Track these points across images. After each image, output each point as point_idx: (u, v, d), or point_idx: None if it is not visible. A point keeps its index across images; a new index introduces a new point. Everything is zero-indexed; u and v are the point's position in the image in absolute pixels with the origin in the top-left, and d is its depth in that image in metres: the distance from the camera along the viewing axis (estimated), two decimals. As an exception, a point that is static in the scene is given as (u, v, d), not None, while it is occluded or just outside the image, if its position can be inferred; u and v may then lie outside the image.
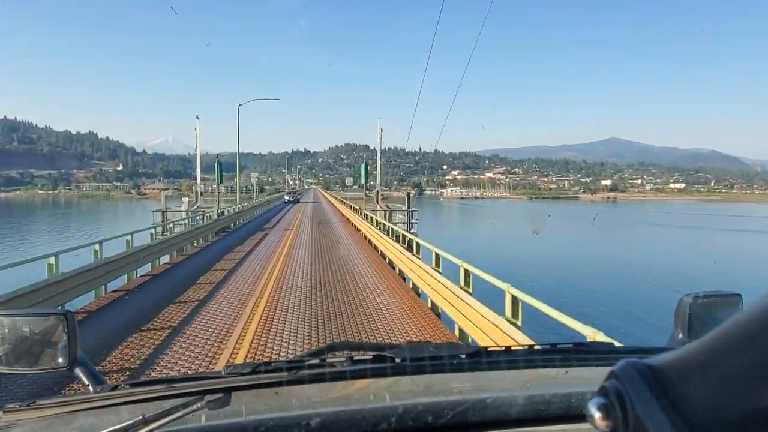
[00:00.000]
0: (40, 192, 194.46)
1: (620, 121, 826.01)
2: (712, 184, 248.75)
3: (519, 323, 5.54)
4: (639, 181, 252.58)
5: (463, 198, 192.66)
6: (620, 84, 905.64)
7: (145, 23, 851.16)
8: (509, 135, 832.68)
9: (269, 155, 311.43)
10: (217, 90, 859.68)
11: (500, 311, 5.71)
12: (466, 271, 7.60)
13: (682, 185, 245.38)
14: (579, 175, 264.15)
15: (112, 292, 9.84)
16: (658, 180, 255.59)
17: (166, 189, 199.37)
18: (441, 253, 9.44)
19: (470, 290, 7.37)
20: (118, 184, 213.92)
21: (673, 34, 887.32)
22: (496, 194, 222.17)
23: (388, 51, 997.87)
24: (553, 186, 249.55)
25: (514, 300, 5.62)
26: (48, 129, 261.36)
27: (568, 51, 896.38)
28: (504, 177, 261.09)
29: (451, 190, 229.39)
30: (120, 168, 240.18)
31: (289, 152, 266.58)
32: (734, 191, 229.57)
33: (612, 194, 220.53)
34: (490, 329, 5.60)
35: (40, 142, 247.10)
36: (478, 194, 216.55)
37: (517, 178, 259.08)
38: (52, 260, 8.23)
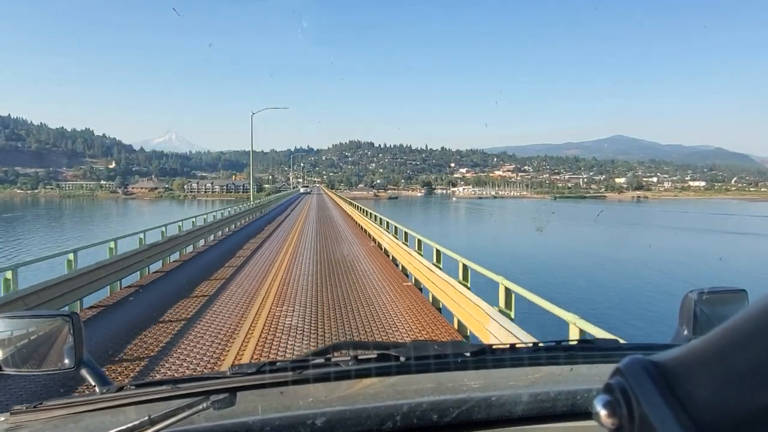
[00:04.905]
0: (19, 191, 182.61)
1: (625, 118, 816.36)
2: (733, 181, 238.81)
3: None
4: (654, 179, 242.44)
5: (481, 198, 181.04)
6: (624, 81, 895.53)
7: (151, 23, 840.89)
8: (515, 132, 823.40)
9: (272, 153, 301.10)
10: (220, 89, 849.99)
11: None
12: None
13: (701, 183, 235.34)
14: (591, 173, 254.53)
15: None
16: (673, 178, 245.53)
17: (156, 188, 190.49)
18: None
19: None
20: (104, 182, 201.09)
21: (678, 30, 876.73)
22: (514, 193, 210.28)
23: (390, 48, 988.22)
24: (569, 185, 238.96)
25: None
26: (42, 126, 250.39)
27: (572, 48, 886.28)
28: (515, 175, 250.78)
29: (463, 189, 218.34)
30: (112, 166, 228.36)
31: (293, 150, 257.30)
32: (763, 190, 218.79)
33: (640, 193, 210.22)
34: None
35: (29, 138, 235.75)
36: (494, 193, 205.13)
37: (528, 176, 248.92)
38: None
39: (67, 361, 1.15)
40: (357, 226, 24.68)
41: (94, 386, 1.14)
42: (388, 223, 17.35)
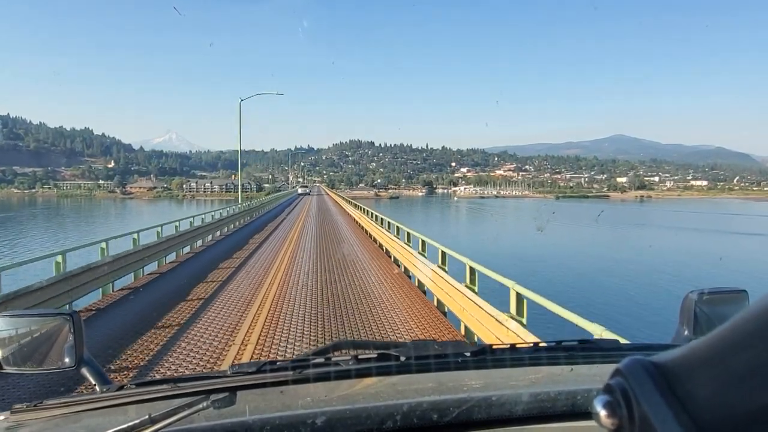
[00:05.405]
0: (16, 191, 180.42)
1: (625, 117, 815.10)
2: (735, 181, 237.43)
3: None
4: (656, 179, 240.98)
5: (482, 197, 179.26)
6: (624, 81, 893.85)
7: (151, 23, 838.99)
8: (515, 131, 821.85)
9: (272, 152, 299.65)
10: (220, 88, 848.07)
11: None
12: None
13: (703, 182, 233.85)
14: (593, 173, 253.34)
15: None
16: (675, 177, 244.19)
17: (154, 188, 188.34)
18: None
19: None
20: (102, 182, 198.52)
21: (678, 29, 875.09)
22: (516, 193, 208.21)
23: (391, 48, 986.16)
24: (571, 184, 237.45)
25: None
26: (41, 125, 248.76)
27: (572, 48, 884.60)
28: (516, 174, 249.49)
29: (465, 188, 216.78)
30: (111, 165, 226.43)
31: (293, 149, 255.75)
32: (766, 189, 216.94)
33: (643, 193, 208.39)
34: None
35: (28, 138, 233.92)
36: (496, 192, 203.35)
37: (529, 176, 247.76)
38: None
39: (67, 360, 1.15)
40: (370, 239, 19.51)
41: (95, 385, 1.14)
42: (424, 242, 11.64)
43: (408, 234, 13.83)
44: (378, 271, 12.45)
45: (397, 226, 15.42)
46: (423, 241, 11.87)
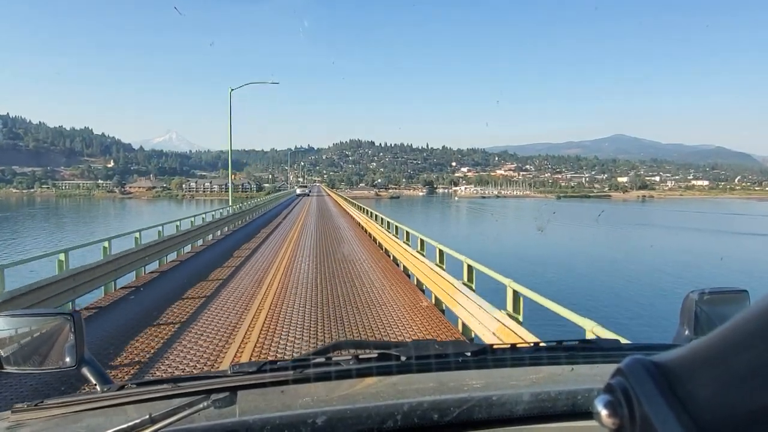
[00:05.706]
0: (15, 191, 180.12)
1: (625, 117, 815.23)
2: (736, 180, 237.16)
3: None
4: (657, 179, 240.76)
5: (483, 197, 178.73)
6: (624, 81, 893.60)
7: (151, 23, 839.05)
8: (515, 131, 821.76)
9: (272, 152, 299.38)
10: (220, 88, 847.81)
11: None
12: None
13: (704, 182, 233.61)
14: (593, 172, 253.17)
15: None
16: (676, 177, 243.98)
17: (154, 187, 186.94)
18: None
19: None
20: (102, 182, 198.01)
21: (678, 29, 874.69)
22: (517, 192, 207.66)
23: (391, 48, 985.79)
24: (572, 184, 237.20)
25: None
26: (41, 125, 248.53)
27: (572, 48, 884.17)
28: (516, 174, 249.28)
29: (465, 188, 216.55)
30: (111, 165, 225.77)
31: (293, 149, 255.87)
32: None
33: (645, 192, 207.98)
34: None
35: (27, 137, 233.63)
36: (497, 192, 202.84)
37: (530, 175, 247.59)
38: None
39: (68, 359, 1.15)
40: (381, 249, 16.65)
41: (95, 385, 1.14)
42: (471, 268, 7.91)
43: (441, 252, 10.01)
44: (402, 306, 9.13)
45: (421, 239, 12.00)
46: (470, 267, 7.99)
